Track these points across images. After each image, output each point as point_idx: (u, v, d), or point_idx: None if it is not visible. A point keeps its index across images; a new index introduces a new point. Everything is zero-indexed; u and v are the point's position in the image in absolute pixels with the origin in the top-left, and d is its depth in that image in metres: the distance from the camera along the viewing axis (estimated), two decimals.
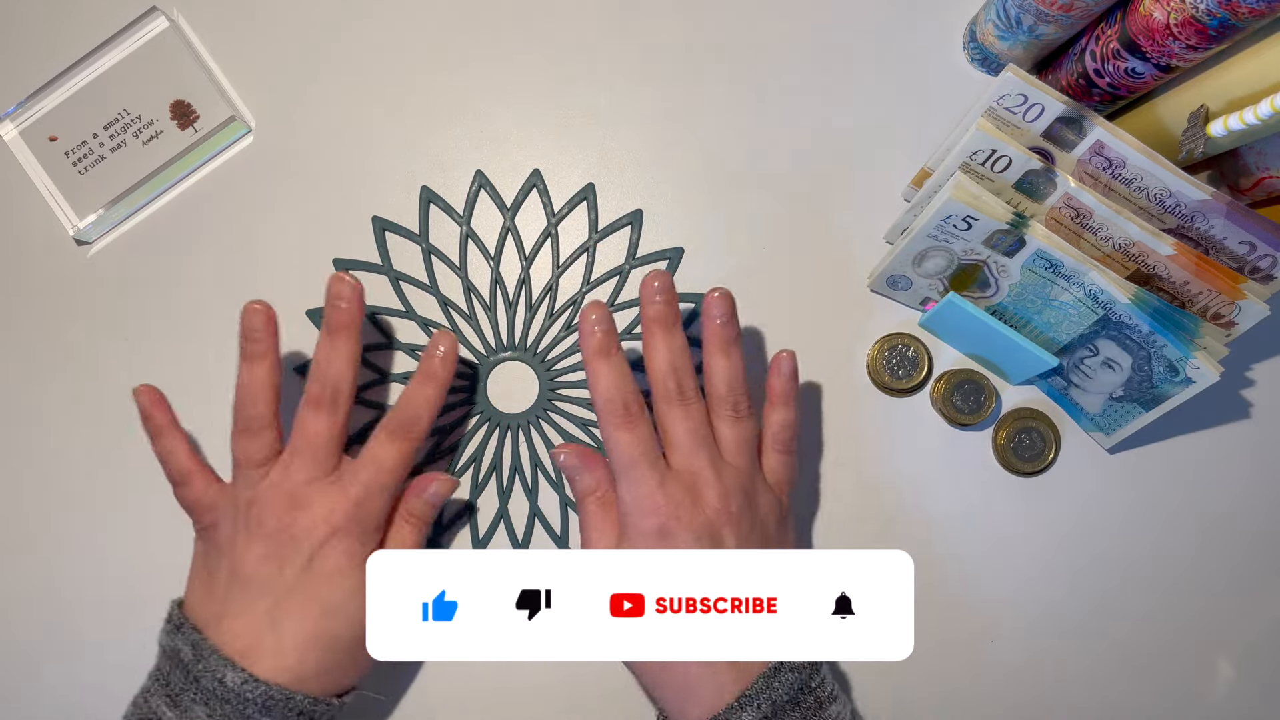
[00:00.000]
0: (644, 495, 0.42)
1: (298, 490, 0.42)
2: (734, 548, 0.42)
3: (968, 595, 0.51)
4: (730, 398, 0.44)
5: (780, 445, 0.46)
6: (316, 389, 0.43)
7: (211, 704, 0.39)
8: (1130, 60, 0.43)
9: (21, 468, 0.51)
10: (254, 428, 0.43)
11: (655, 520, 0.42)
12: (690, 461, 0.43)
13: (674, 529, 0.41)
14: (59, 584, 0.51)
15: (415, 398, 0.45)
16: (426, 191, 0.52)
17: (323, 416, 0.43)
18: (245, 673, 0.39)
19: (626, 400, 0.43)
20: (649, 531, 0.42)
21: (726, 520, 0.42)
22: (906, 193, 0.52)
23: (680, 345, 0.44)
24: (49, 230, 0.52)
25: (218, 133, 0.51)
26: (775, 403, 0.46)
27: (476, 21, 0.53)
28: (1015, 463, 0.51)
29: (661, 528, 0.41)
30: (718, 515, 0.42)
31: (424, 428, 0.45)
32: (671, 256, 0.52)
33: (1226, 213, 0.42)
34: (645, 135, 0.53)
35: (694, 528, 0.41)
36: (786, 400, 0.45)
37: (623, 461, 0.43)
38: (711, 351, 0.45)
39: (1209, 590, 0.52)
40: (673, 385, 0.43)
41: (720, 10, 0.53)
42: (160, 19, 0.52)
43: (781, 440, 0.46)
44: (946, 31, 0.53)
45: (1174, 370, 0.45)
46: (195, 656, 0.40)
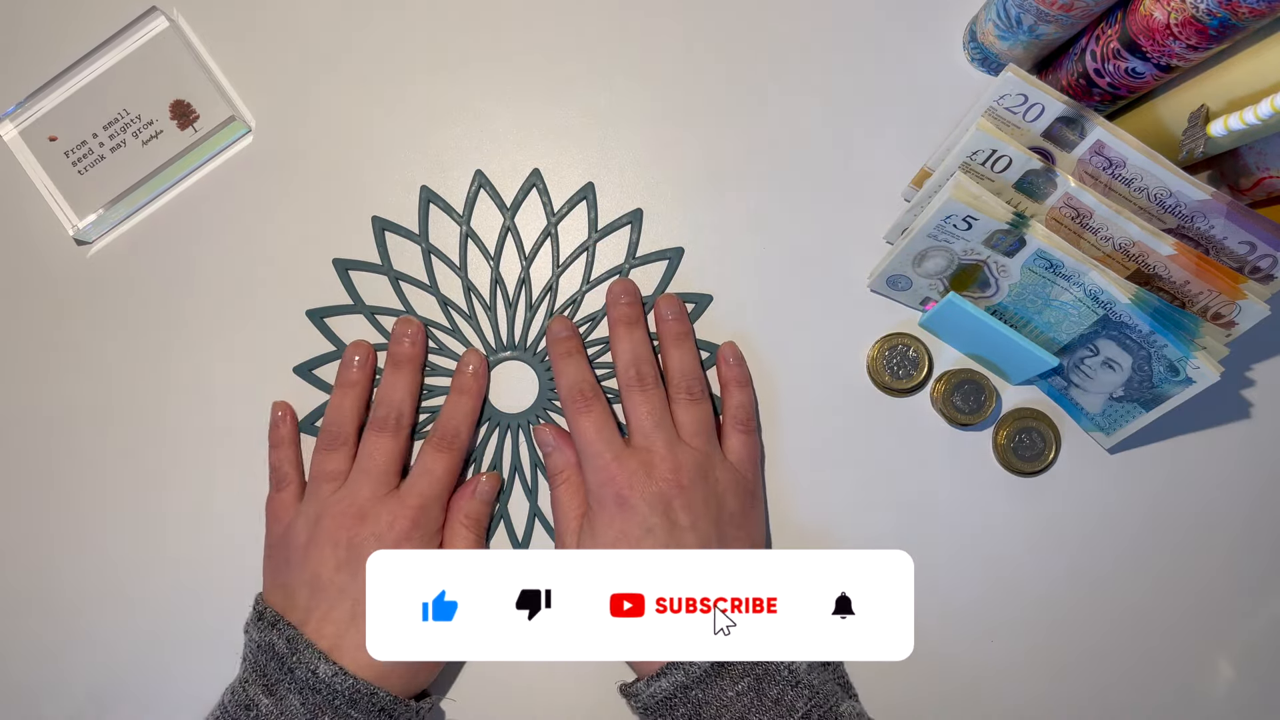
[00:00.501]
0: (602, 468, 0.46)
1: (364, 505, 0.46)
2: (685, 518, 0.45)
3: (968, 595, 0.51)
4: (684, 383, 0.48)
5: (740, 425, 0.49)
6: (381, 414, 0.48)
7: (305, 694, 0.42)
8: (1130, 60, 0.43)
9: (21, 467, 0.51)
10: (334, 445, 0.48)
11: (612, 489, 0.45)
12: (647, 440, 0.46)
13: (629, 497, 0.45)
14: (60, 583, 0.51)
15: (454, 412, 0.49)
16: (426, 191, 0.52)
17: (386, 438, 0.48)
18: (336, 665, 0.42)
19: (583, 388, 0.48)
20: (608, 501, 0.45)
21: (678, 491, 0.45)
22: (906, 193, 0.52)
23: (641, 339, 0.49)
24: (49, 230, 0.52)
25: (218, 133, 0.51)
26: (729, 386, 0.50)
27: (476, 21, 0.53)
28: (1015, 463, 0.51)
29: (618, 496, 0.45)
30: (669, 485, 0.45)
31: (465, 439, 0.49)
32: (671, 256, 0.52)
33: (1227, 213, 0.42)
34: (645, 135, 0.53)
35: (646, 496, 0.45)
36: (740, 382, 0.50)
37: (584, 442, 0.47)
38: (667, 345, 0.50)
39: (1209, 590, 0.52)
40: (633, 374, 0.48)
41: (720, 10, 0.53)
42: (160, 19, 0.52)
43: (740, 419, 0.49)
44: (946, 31, 0.53)
45: (1174, 370, 0.45)
46: (290, 649, 0.43)
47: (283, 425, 0.50)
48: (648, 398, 0.48)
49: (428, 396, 0.51)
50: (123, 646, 0.51)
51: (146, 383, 0.52)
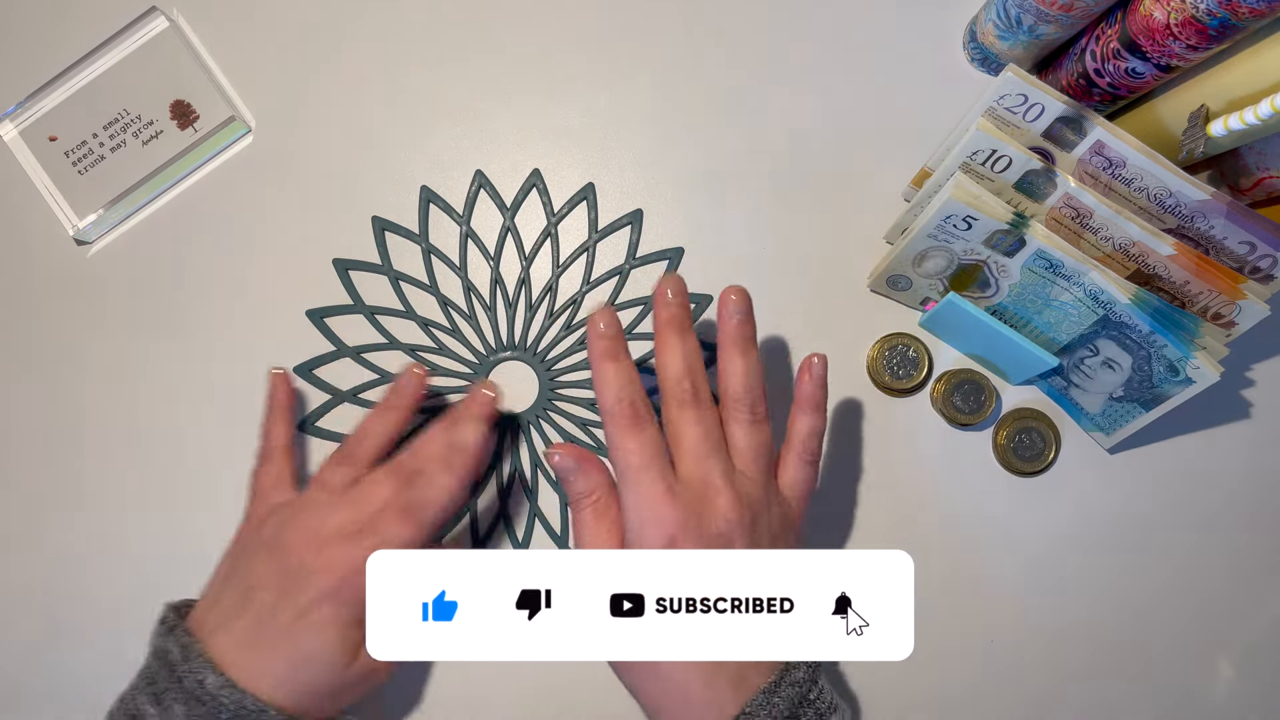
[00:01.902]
0: (651, 503, 0.40)
1: (324, 534, 0.43)
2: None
3: (968, 595, 0.51)
4: (747, 399, 0.42)
5: (808, 455, 0.43)
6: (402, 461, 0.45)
7: (190, 704, 0.40)
8: (1130, 60, 0.43)
9: (21, 467, 0.51)
10: (347, 462, 0.45)
11: (662, 531, 0.39)
12: (701, 468, 0.41)
13: (682, 541, 0.39)
14: (60, 582, 0.51)
15: (434, 486, 0.44)
16: (426, 191, 0.52)
17: (391, 482, 0.44)
18: (225, 678, 0.40)
19: (635, 403, 0.41)
20: (655, 543, 0.40)
21: (740, 532, 0.40)
22: (906, 193, 0.52)
23: (694, 348, 0.42)
24: (49, 230, 0.52)
25: (218, 133, 0.51)
26: (805, 408, 0.43)
27: (477, 21, 0.53)
28: (1015, 463, 0.51)
29: (670, 539, 0.39)
30: (730, 527, 0.40)
31: (432, 518, 0.43)
32: (671, 256, 0.52)
33: (1227, 213, 0.42)
34: (645, 135, 0.53)
35: (703, 540, 0.39)
36: (817, 406, 0.43)
37: (630, 466, 0.40)
38: (729, 351, 0.43)
39: (1209, 590, 0.52)
40: (687, 387, 0.41)
41: (721, 11, 0.53)
42: (160, 19, 0.52)
43: (809, 449, 0.43)
44: (946, 31, 0.53)
45: (1174, 370, 0.45)
46: (182, 657, 0.41)
47: (280, 392, 0.49)
48: (702, 416, 0.41)
49: (425, 397, 0.51)
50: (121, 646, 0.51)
51: (147, 382, 0.52)
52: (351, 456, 0.46)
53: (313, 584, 0.42)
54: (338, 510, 0.44)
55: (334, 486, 0.45)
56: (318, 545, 0.43)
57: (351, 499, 0.44)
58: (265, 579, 0.43)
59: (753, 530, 0.40)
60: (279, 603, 0.42)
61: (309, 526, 0.43)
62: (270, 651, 0.41)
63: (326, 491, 0.45)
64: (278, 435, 0.48)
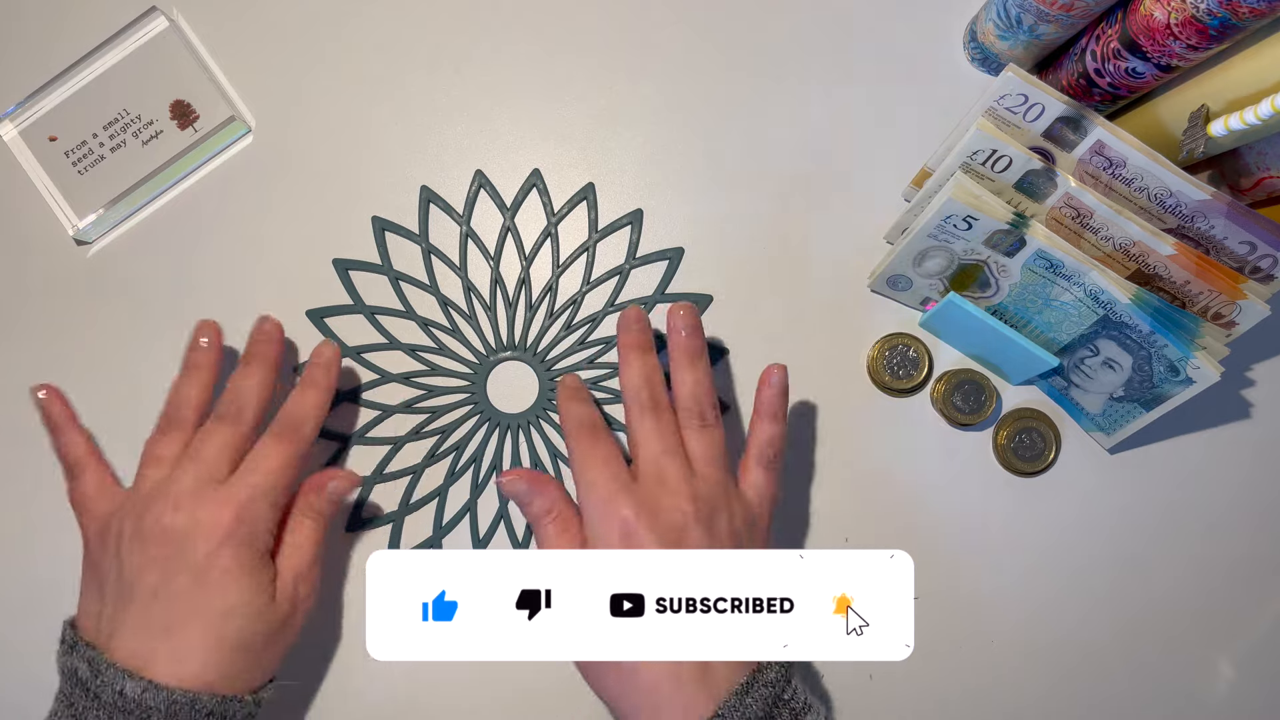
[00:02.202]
0: (608, 498, 0.41)
1: (183, 497, 0.42)
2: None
3: (968, 595, 0.51)
4: (696, 408, 0.44)
5: (764, 460, 0.44)
6: (223, 405, 0.45)
7: (115, 717, 0.38)
8: (1131, 60, 0.43)
9: (21, 467, 0.51)
10: (169, 429, 0.45)
11: (619, 522, 0.40)
12: (656, 466, 0.42)
13: (637, 531, 0.40)
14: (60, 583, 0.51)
15: (299, 404, 0.46)
16: (426, 191, 0.52)
17: (224, 428, 0.44)
18: (144, 681, 0.39)
19: (594, 420, 0.43)
20: (612, 535, 0.40)
21: (695, 526, 0.40)
22: (906, 193, 0.52)
23: (654, 365, 0.44)
24: (49, 230, 0.52)
25: (218, 133, 0.51)
26: (762, 415, 0.44)
27: (476, 21, 0.53)
28: (1015, 463, 0.51)
29: (625, 530, 0.40)
30: (685, 519, 0.40)
31: (308, 433, 0.45)
32: (671, 256, 0.52)
33: (1227, 213, 0.42)
34: (645, 135, 0.53)
35: (658, 531, 0.40)
36: (775, 414, 0.44)
37: (588, 469, 0.42)
38: (678, 363, 0.44)
39: (1209, 590, 0.52)
40: (645, 395, 0.43)
41: (721, 11, 0.53)
42: (160, 19, 0.52)
43: (766, 455, 0.44)
44: (946, 31, 0.53)
45: (1174, 370, 0.45)
46: (93, 673, 0.39)
47: (54, 408, 0.47)
48: (660, 419, 0.43)
49: (425, 397, 0.51)
50: None
51: (147, 383, 0.51)
52: (174, 422, 0.45)
53: (199, 541, 0.41)
54: (184, 473, 0.43)
55: (168, 458, 0.44)
56: (189, 507, 0.42)
57: (191, 457, 0.43)
58: (142, 568, 0.41)
59: (710, 524, 0.41)
60: (169, 578, 0.41)
61: (166, 501, 0.42)
62: (183, 627, 0.40)
63: (163, 466, 0.44)
64: (76, 445, 0.46)
